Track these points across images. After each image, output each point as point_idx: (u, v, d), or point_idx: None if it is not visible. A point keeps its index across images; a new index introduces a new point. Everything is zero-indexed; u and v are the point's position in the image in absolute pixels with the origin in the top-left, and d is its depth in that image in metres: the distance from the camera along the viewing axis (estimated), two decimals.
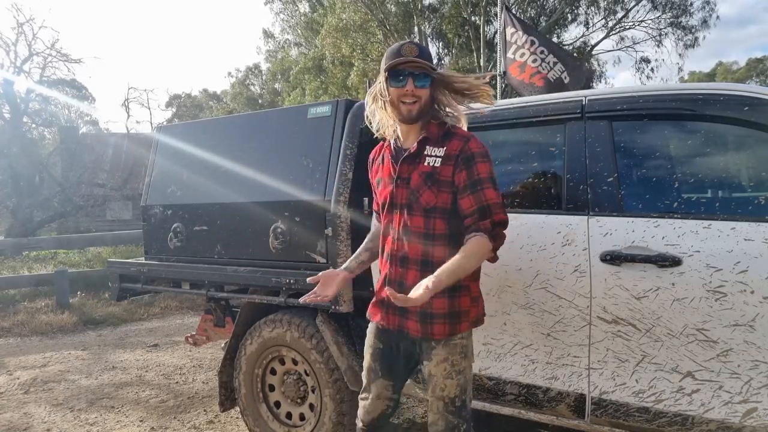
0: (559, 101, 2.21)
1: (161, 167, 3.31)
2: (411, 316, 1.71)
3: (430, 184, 1.68)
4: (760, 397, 1.75)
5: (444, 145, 1.70)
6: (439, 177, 1.68)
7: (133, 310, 6.91)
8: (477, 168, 1.66)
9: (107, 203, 16.93)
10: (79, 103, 24.56)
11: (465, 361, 1.74)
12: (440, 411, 1.72)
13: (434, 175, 1.68)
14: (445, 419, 1.72)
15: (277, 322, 2.68)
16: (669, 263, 1.84)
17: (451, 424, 1.72)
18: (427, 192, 1.68)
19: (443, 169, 1.68)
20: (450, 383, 1.71)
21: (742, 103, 1.87)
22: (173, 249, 3.13)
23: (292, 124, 2.75)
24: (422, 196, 1.69)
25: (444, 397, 1.71)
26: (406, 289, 1.64)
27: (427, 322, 1.69)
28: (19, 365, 4.83)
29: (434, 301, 1.65)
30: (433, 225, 1.69)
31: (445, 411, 1.72)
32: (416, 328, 1.71)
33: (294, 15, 22.91)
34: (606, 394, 1.98)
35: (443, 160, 1.68)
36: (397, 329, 1.75)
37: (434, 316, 1.69)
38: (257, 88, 33.07)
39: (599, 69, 19.42)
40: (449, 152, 1.68)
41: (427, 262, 1.68)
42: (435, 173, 1.68)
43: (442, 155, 1.69)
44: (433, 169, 1.69)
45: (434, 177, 1.68)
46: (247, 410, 2.84)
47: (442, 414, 1.72)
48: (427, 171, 1.69)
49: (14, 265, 9.65)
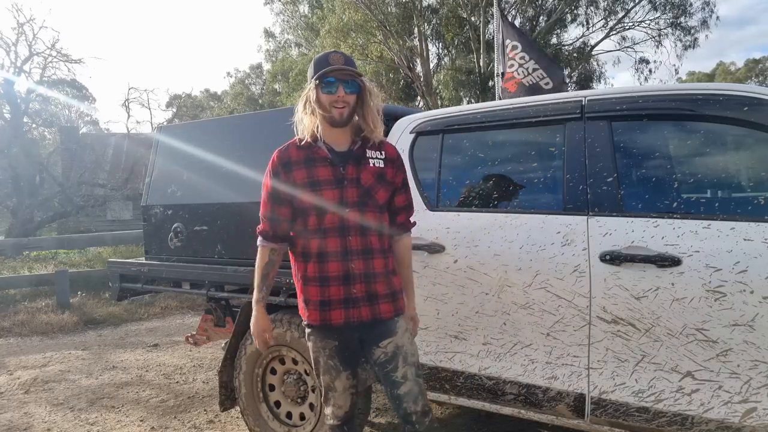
0: (558, 101, 2.21)
1: (162, 167, 3.31)
2: (383, 300, 1.85)
3: (382, 183, 1.87)
4: (759, 397, 1.75)
5: (381, 150, 1.89)
6: (386, 177, 1.88)
7: (133, 310, 6.91)
8: (404, 171, 1.97)
9: (107, 203, 16.95)
10: (80, 103, 24.58)
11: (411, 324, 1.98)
12: (413, 377, 1.85)
13: (384, 176, 1.88)
14: (417, 384, 1.86)
15: (277, 322, 2.68)
16: (668, 263, 1.84)
17: (421, 387, 1.87)
18: (381, 190, 1.87)
19: (387, 171, 1.89)
20: (414, 349, 1.89)
21: (741, 103, 1.88)
22: (173, 249, 3.14)
23: (292, 124, 2.74)
24: (377, 193, 1.86)
25: (414, 363, 1.87)
26: (375, 277, 1.83)
27: (396, 300, 1.88)
28: (19, 365, 4.84)
29: (394, 281, 1.89)
30: (382, 218, 1.89)
31: (415, 376, 1.86)
32: (389, 309, 1.86)
33: (294, 16, 22.90)
34: (606, 393, 1.98)
35: (385, 162, 1.89)
36: (371, 319, 1.84)
37: (397, 293, 1.89)
38: (257, 89, 33.08)
39: (599, 69, 19.43)
40: (389, 156, 1.90)
41: (383, 250, 1.88)
42: (383, 173, 1.88)
43: (383, 158, 1.89)
44: (380, 169, 1.87)
45: (384, 177, 1.88)
46: (248, 410, 2.84)
47: (414, 380, 1.85)
48: (376, 171, 1.87)
49: (14, 265, 9.65)
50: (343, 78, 1.78)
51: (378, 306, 1.84)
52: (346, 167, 1.82)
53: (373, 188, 1.84)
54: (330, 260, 1.81)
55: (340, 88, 1.77)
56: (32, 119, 16.82)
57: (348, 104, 1.79)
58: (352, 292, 1.81)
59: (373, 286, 1.83)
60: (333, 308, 1.83)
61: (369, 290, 1.82)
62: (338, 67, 1.77)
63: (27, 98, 15.04)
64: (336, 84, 1.77)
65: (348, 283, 1.81)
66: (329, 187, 1.82)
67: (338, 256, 1.81)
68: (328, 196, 1.81)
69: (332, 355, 1.89)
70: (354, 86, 1.80)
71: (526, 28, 17.61)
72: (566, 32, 18.81)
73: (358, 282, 1.81)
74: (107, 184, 16.07)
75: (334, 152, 1.84)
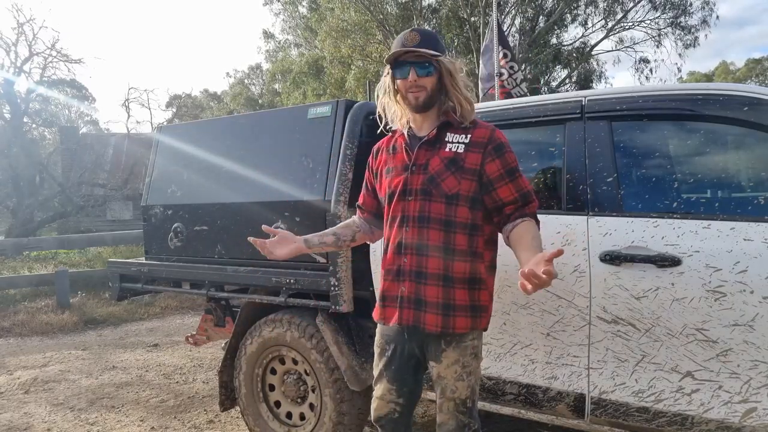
0: (559, 101, 2.21)
1: (162, 167, 3.31)
2: (430, 309, 1.64)
3: (454, 170, 1.64)
4: (759, 397, 1.75)
5: (469, 132, 1.67)
6: (463, 163, 1.64)
7: (133, 310, 6.91)
8: (509, 157, 1.67)
9: (107, 203, 16.94)
10: (80, 103, 24.59)
11: (475, 361, 1.71)
12: (451, 411, 1.70)
13: (458, 161, 1.65)
14: (456, 419, 1.69)
15: (278, 322, 2.68)
16: (668, 263, 1.84)
17: (462, 423, 1.70)
18: (450, 178, 1.64)
19: (468, 156, 1.65)
20: (461, 385, 1.68)
21: (742, 103, 1.88)
22: (173, 249, 3.14)
23: (292, 124, 2.75)
24: (444, 182, 1.64)
25: (455, 399, 1.68)
26: (426, 278, 1.64)
27: (449, 315, 1.63)
28: (19, 365, 4.84)
29: (456, 292, 1.63)
30: (454, 212, 1.64)
31: (456, 411, 1.69)
32: (435, 322, 1.63)
33: (294, 16, 22.90)
34: (606, 393, 1.98)
35: (468, 147, 1.65)
36: (412, 325, 1.67)
37: (457, 309, 1.63)
38: (257, 89, 33.07)
39: (599, 69, 19.43)
40: (476, 139, 1.66)
41: (449, 250, 1.64)
42: (458, 159, 1.65)
43: (467, 141, 1.66)
44: (456, 154, 1.65)
45: (458, 163, 1.65)
46: (248, 410, 2.84)
47: (453, 414, 1.70)
48: (449, 156, 1.66)
49: (14, 265, 9.65)
50: (415, 60, 1.64)
51: (423, 314, 1.64)
52: (418, 152, 1.69)
53: (441, 175, 1.64)
54: (389, 252, 1.72)
55: (412, 72, 1.64)
56: (32, 119, 16.82)
57: (424, 88, 1.65)
58: (401, 289, 1.68)
59: (421, 288, 1.65)
60: (387, 305, 1.72)
61: (417, 291, 1.65)
62: (406, 50, 1.63)
63: (27, 98, 15.03)
64: (408, 67, 1.64)
65: (399, 280, 1.68)
66: (397, 174, 1.72)
67: (395, 248, 1.69)
68: (395, 183, 1.71)
69: (381, 355, 1.79)
70: (428, 68, 1.64)
71: (527, 28, 17.62)
72: (566, 32, 18.82)
73: (407, 279, 1.66)
74: (107, 184, 16.07)
75: (414, 138, 1.74)
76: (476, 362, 1.71)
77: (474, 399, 1.72)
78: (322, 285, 2.44)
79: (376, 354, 1.82)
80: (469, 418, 1.71)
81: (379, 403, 1.80)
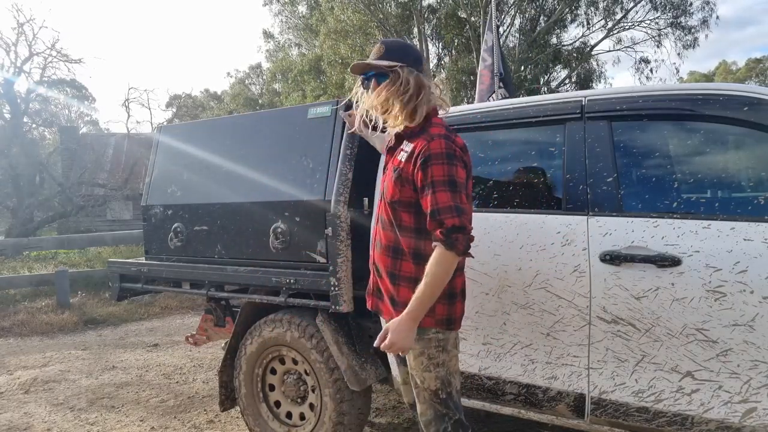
0: (558, 101, 2.21)
1: (162, 167, 3.31)
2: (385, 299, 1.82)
3: (395, 178, 1.74)
4: (759, 397, 1.75)
5: (412, 142, 1.74)
6: (401, 172, 1.73)
7: (133, 309, 6.91)
8: (432, 170, 1.63)
9: (107, 203, 16.94)
10: (80, 103, 24.59)
11: (444, 354, 1.74)
12: (426, 400, 1.77)
13: (400, 170, 1.73)
14: (433, 408, 1.76)
15: (278, 322, 2.68)
16: (668, 263, 1.84)
17: (440, 413, 1.75)
18: (393, 186, 1.75)
19: (406, 166, 1.72)
20: (428, 376, 1.74)
21: (742, 103, 1.88)
22: (173, 249, 3.14)
23: (292, 124, 2.75)
24: (389, 188, 1.77)
25: (427, 389, 1.76)
26: (381, 273, 1.82)
27: (396, 308, 1.75)
28: (19, 365, 4.83)
29: (400, 290, 1.74)
30: (399, 216, 1.75)
31: (431, 401, 1.76)
32: (388, 310, 1.80)
33: (293, 15, 22.89)
34: (605, 393, 1.98)
35: (407, 157, 1.72)
36: (374, 310, 1.89)
37: (399, 304, 1.74)
38: (257, 89, 33.07)
39: (599, 69, 19.42)
40: (413, 150, 1.71)
41: (397, 250, 1.76)
42: (400, 168, 1.74)
43: (408, 151, 1.73)
44: (400, 163, 1.75)
45: (400, 172, 1.73)
46: (248, 410, 2.84)
47: (429, 403, 1.77)
48: (396, 165, 1.76)
49: (14, 265, 9.65)
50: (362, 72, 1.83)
51: (381, 303, 1.86)
52: (386, 157, 1.90)
53: (390, 181, 1.78)
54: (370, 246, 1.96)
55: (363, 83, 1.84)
56: (32, 119, 16.82)
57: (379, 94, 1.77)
58: (373, 280, 1.89)
59: (379, 281, 1.85)
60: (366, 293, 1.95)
61: (377, 283, 1.87)
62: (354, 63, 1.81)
63: (27, 98, 15.04)
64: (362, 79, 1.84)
65: (372, 271, 1.90)
66: (382, 174, 1.91)
67: (372, 243, 1.92)
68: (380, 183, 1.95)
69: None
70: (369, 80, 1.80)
71: (527, 28, 17.62)
72: (566, 32, 18.82)
73: (373, 272, 1.89)
74: (107, 184, 16.08)
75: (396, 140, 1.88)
76: (445, 354, 1.75)
77: (449, 390, 1.76)
78: (322, 285, 2.44)
79: None
80: (446, 409, 1.76)
81: (405, 388, 2.00)
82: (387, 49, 1.77)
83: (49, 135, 24.93)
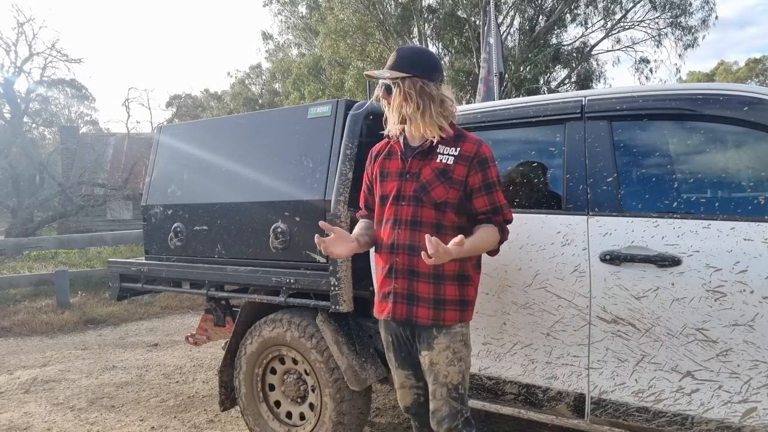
0: (559, 101, 2.21)
1: (162, 167, 3.31)
2: (422, 303, 1.79)
3: (443, 180, 1.78)
4: (759, 397, 1.75)
5: (457, 146, 1.81)
6: (451, 174, 1.78)
7: (133, 309, 6.91)
8: (490, 172, 1.81)
9: (107, 203, 16.98)
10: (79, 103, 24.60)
11: (465, 348, 1.84)
12: (444, 397, 1.80)
13: (447, 172, 1.79)
14: (449, 405, 1.80)
15: (278, 322, 2.68)
16: (668, 263, 1.84)
17: (455, 410, 1.80)
18: (439, 187, 1.78)
19: (456, 168, 1.79)
20: (452, 370, 1.80)
21: (742, 103, 1.88)
22: (173, 249, 3.14)
23: (292, 124, 2.75)
24: (434, 190, 1.78)
25: (447, 384, 1.80)
26: (419, 276, 1.79)
27: (440, 309, 1.78)
28: (19, 365, 4.84)
29: (447, 288, 1.79)
30: (443, 217, 1.79)
31: (448, 397, 1.80)
32: (427, 315, 1.78)
33: (293, 15, 22.89)
34: (605, 393, 1.98)
35: (457, 159, 1.79)
36: (405, 318, 1.81)
37: (447, 303, 1.79)
38: (257, 88, 33.07)
39: (599, 69, 19.42)
40: (464, 153, 1.80)
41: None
42: (448, 170, 1.79)
43: (455, 154, 1.80)
44: (446, 166, 1.79)
45: (447, 174, 1.79)
46: (247, 410, 2.84)
47: (445, 400, 1.80)
48: (439, 167, 1.79)
49: (14, 265, 9.66)
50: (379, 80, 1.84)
51: (415, 308, 1.79)
52: (412, 162, 1.84)
53: (431, 184, 1.78)
54: (382, 251, 1.86)
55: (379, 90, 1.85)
56: (32, 119, 16.84)
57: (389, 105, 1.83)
58: (394, 286, 1.82)
59: (414, 284, 1.79)
60: (382, 301, 1.87)
61: (410, 288, 1.80)
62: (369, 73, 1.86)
63: (27, 98, 15.04)
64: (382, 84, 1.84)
65: (391, 277, 1.83)
66: (393, 179, 1.86)
67: (388, 248, 1.83)
68: (390, 187, 1.86)
69: (388, 348, 1.95)
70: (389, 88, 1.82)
71: (526, 28, 17.62)
72: (566, 32, 18.81)
73: (399, 277, 1.81)
74: (107, 184, 16.09)
75: (408, 147, 1.88)
76: (466, 350, 1.84)
77: (465, 386, 1.84)
78: (322, 285, 2.44)
79: (385, 348, 1.98)
80: (461, 405, 1.82)
81: (402, 392, 1.98)
82: (397, 59, 1.81)
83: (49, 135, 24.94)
